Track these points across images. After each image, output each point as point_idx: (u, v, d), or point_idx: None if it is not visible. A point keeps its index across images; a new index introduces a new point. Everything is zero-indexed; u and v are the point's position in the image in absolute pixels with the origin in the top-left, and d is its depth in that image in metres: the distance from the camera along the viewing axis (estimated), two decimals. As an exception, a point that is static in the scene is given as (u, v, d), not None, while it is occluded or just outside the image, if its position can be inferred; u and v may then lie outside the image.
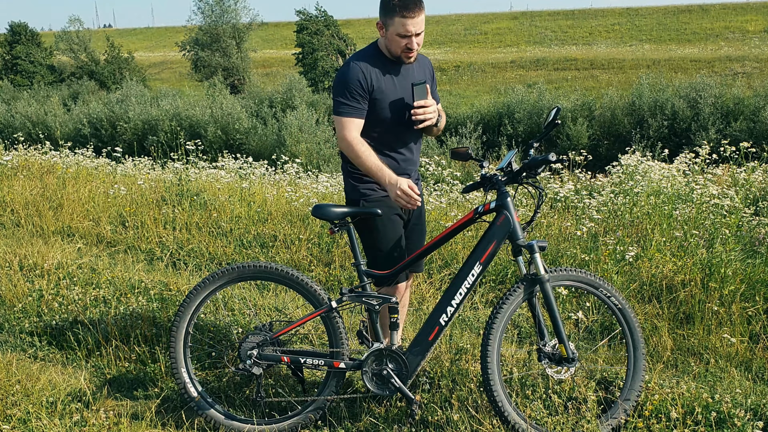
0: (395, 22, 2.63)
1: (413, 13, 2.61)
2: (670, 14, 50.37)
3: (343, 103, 2.71)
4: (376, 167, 2.70)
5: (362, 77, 2.69)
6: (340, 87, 2.72)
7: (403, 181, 2.66)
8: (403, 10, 2.60)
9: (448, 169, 7.54)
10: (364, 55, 2.77)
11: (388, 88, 2.75)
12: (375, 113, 2.76)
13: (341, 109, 2.72)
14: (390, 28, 2.66)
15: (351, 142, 2.71)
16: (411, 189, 2.65)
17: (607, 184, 5.65)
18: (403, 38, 2.66)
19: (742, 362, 3.25)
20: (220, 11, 38.99)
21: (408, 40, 2.67)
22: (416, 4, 2.62)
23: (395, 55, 2.74)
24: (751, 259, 3.98)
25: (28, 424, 2.75)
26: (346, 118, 2.72)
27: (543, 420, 2.61)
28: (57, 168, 7.21)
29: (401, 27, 2.63)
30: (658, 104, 18.86)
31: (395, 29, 2.64)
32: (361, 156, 2.70)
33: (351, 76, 2.70)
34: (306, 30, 36.25)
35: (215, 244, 5.07)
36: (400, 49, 2.70)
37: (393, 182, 2.67)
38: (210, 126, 21.44)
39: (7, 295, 4.01)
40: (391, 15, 2.63)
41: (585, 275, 2.70)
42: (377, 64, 2.75)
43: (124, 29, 78.44)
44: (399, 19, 2.62)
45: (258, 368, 2.74)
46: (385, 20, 2.68)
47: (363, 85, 2.69)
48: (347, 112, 2.71)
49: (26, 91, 33.98)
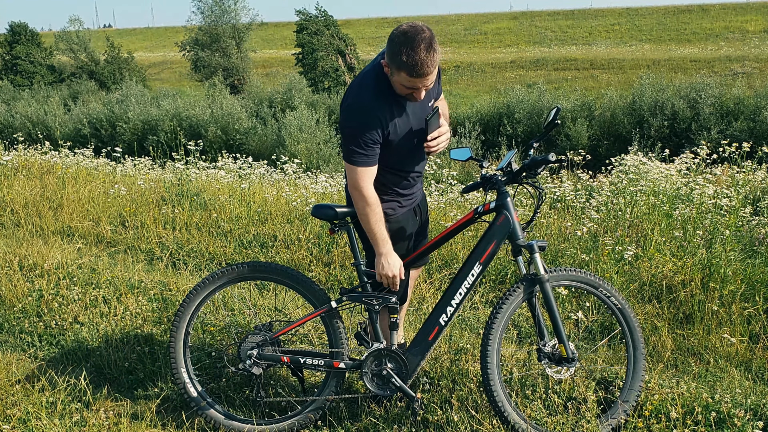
0: (401, 77, 2.36)
1: (421, 73, 2.33)
2: (670, 14, 50.37)
3: (358, 152, 2.46)
4: (382, 237, 2.57)
5: (379, 125, 2.46)
6: (354, 129, 2.46)
7: (396, 265, 2.60)
8: (410, 70, 2.31)
9: (447, 169, 7.53)
10: (372, 88, 2.47)
11: (401, 124, 2.54)
12: (389, 148, 2.57)
13: (357, 159, 2.47)
14: (395, 76, 2.39)
15: (368, 199, 2.52)
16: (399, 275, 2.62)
17: (606, 183, 5.65)
18: (406, 89, 2.41)
19: (742, 362, 3.25)
20: (219, 11, 38.98)
21: (416, 92, 2.42)
22: (430, 64, 2.31)
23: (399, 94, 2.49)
24: (751, 259, 3.98)
25: (28, 424, 2.75)
26: (363, 168, 2.49)
27: (543, 420, 2.61)
28: (57, 168, 7.21)
29: (407, 82, 2.37)
30: (658, 104, 18.84)
31: (401, 80, 2.38)
32: (372, 219, 2.54)
33: (368, 126, 2.44)
34: (306, 30, 36.23)
35: (215, 244, 5.07)
36: (403, 94, 2.46)
37: (389, 261, 2.59)
38: (210, 126, 21.44)
39: (7, 295, 4.01)
40: (398, 68, 2.34)
41: (585, 275, 2.70)
42: (389, 100, 2.47)
43: (124, 29, 78.47)
44: (406, 77, 2.35)
45: (258, 368, 2.74)
46: (391, 66, 2.38)
47: (379, 133, 2.47)
48: (363, 162, 2.48)
49: (26, 91, 33.97)
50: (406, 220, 2.80)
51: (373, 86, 2.48)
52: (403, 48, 2.29)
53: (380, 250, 2.60)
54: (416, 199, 2.85)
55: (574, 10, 55.71)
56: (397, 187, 2.73)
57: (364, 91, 2.49)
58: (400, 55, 2.30)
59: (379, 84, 2.48)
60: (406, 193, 2.78)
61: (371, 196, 2.53)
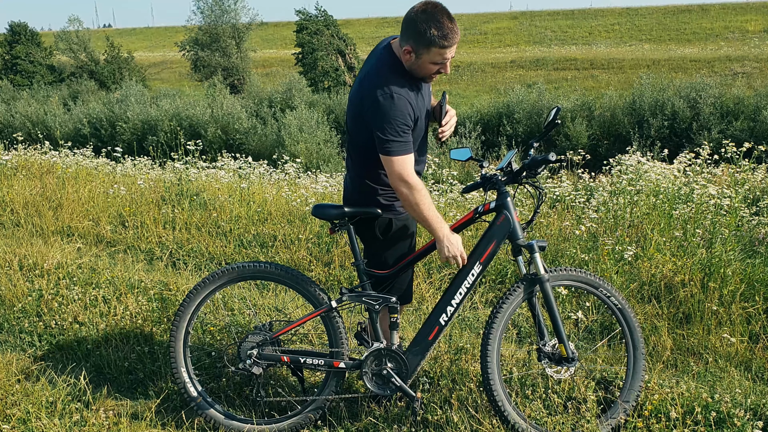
0: (432, 52, 2.44)
1: (452, 42, 2.45)
2: (670, 14, 50.35)
3: (397, 142, 2.48)
4: (437, 219, 2.56)
5: (410, 111, 2.50)
6: (392, 124, 2.46)
7: (459, 242, 2.59)
8: (443, 41, 2.42)
9: (447, 169, 7.53)
10: (401, 83, 2.51)
11: (422, 108, 2.62)
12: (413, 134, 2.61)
13: (396, 148, 2.48)
14: (423, 56, 2.46)
15: (415, 186, 2.50)
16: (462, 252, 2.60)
17: (606, 183, 5.65)
18: (435, 65, 2.50)
19: (741, 362, 3.25)
20: (219, 11, 38.96)
21: (441, 66, 2.52)
22: (456, 31, 2.45)
23: (419, 77, 2.58)
24: (751, 259, 3.98)
25: (28, 423, 2.75)
26: (404, 156, 2.49)
27: (543, 420, 2.61)
28: (57, 168, 7.21)
29: (438, 56, 2.46)
30: (658, 104, 18.84)
31: (430, 58, 2.47)
32: (423, 205, 2.52)
33: (402, 112, 2.47)
34: (306, 30, 36.22)
35: (215, 244, 5.07)
36: (429, 73, 2.54)
37: (451, 241, 2.57)
38: (210, 126, 21.43)
39: (6, 295, 4.01)
40: (427, 45, 2.43)
41: (585, 275, 2.70)
42: (413, 88, 2.55)
43: (124, 29, 78.43)
44: (437, 50, 2.44)
45: (258, 368, 2.74)
46: (417, 48, 2.45)
47: (411, 118, 2.51)
48: (403, 149, 2.50)
49: (26, 91, 33.96)
50: (410, 217, 2.79)
51: (394, 75, 2.52)
52: (429, 24, 2.40)
53: (440, 234, 2.57)
54: None
55: (574, 10, 55.69)
56: None
57: (389, 81, 2.49)
58: (428, 32, 2.39)
59: (396, 71, 2.53)
60: None
61: (417, 182, 2.52)
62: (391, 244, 2.82)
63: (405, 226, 2.80)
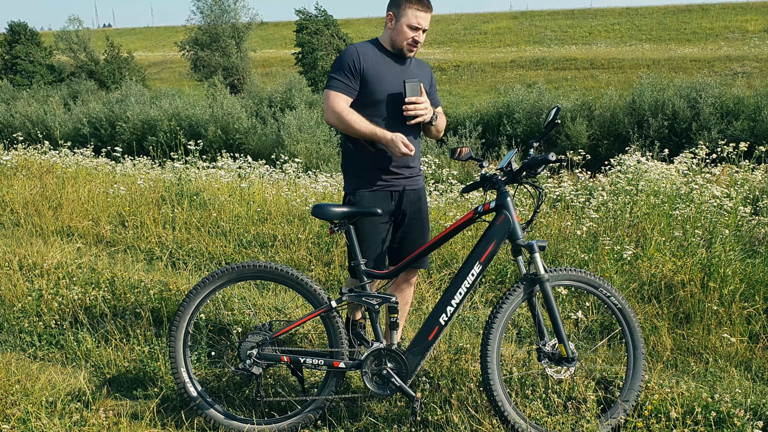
0: (407, 13, 2.79)
1: (426, 9, 2.81)
2: (670, 14, 50.36)
3: (334, 78, 2.83)
4: (370, 129, 2.79)
5: (355, 58, 2.82)
6: (334, 64, 2.86)
7: (399, 136, 2.75)
8: (418, 4, 2.78)
9: (447, 169, 7.53)
10: (363, 43, 2.93)
11: (383, 77, 2.84)
12: (367, 99, 2.84)
13: (331, 83, 2.83)
14: (402, 18, 2.81)
15: (340, 112, 2.80)
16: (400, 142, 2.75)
17: (606, 183, 5.65)
18: (411, 30, 2.81)
19: (741, 362, 3.25)
20: (219, 11, 38.97)
21: (416, 33, 2.82)
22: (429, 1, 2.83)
23: (398, 48, 2.86)
24: (751, 259, 3.98)
25: (28, 423, 2.74)
26: (335, 91, 2.82)
27: (543, 420, 2.61)
28: (56, 168, 7.21)
29: (413, 18, 2.79)
30: (658, 104, 18.84)
31: (407, 20, 2.80)
32: (352, 123, 2.79)
33: (345, 56, 2.84)
34: (306, 29, 36.23)
35: (215, 244, 5.06)
36: (406, 41, 2.84)
37: (389, 138, 2.75)
38: (210, 125, 21.44)
39: (6, 295, 4.01)
40: (404, 6, 2.79)
41: (585, 275, 2.70)
42: (375, 53, 2.88)
43: (124, 29, 78.42)
44: (412, 11, 2.78)
45: (258, 368, 2.74)
46: (397, 11, 2.82)
47: (355, 65, 2.81)
48: (335, 86, 2.82)
49: (26, 91, 33.97)
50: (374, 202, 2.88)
51: (365, 41, 2.96)
52: None
53: (384, 139, 2.77)
54: (396, 186, 2.93)
55: (574, 10, 55.70)
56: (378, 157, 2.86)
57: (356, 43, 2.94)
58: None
59: (369, 41, 2.94)
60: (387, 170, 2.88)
61: (345, 108, 2.80)
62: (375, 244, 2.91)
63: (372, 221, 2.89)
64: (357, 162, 2.92)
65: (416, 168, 3.01)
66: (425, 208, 3.06)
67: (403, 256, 2.96)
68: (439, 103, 3.09)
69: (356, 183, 2.92)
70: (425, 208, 3.06)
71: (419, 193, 3.02)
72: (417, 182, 3.01)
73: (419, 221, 3.02)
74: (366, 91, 2.84)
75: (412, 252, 2.85)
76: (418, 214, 3.01)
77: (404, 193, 2.95)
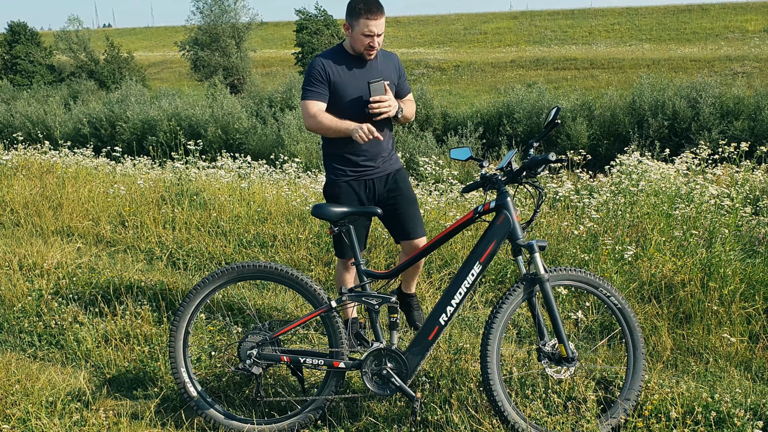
0: (360, 23, 2.99)
1: (375, 16, 2.99)
2: (670, 14, 50.35)
3: (306, 89, 3.10)
4: (338, 123, 3.04)
5: (321, 68, 3.07)
6: (305, 78, 3.13)
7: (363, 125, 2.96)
8: (367, 14, 2.98)
9: (447, 169, 7.53)
10: (327, 53, 3.17)
11: (348, 81, 3.09)
12: (337, 104, 3.09)
13: (305, 94, 3.11)
14: (356, 28, 3.02)
15: (314, 115, 3.05)
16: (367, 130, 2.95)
17: (606, 183, 5.64)
18: (366, 37, 3.02)
19: (741, 362, 3.25)
20: (219, 11, 38.95)
21: (370, 39, 3.02)
22: (378, 8, 3.00)
23: (358, 52, 3.08)
24: (751, 259, 3.98)
25: (28, 423, 2.74)
26: (308, 101, 3.09)
27: (543, 420, 2.61)
28: (56, 168, 7.21)
29: (365, 28, 2.99)
30: (658, 104, 18.83)
31: (360, 29, 3.01)
32: (324, 122, 3.05)
33: (312, 68, 3.10)
34: (305, 29, 36.25)
35: (215, 244, 5.06)
36: (363, 47, 3.05)
37: (353, 127, 2.99)
38: (210, 126, 21.42)
39: (6, 295, 4.01)
40: (357, 17, 2.99)
41: (585, 275, 2.70)
42: (339, 59, 3.12)
43: (124, 29, 78.41)
44: (363, 21, 2.98)
45: (257, 368, 2.74)
46: (351, 21, 3.04)
47: (322, 74, 3.07)
48: (309, 96, 3.09)
49: (26, 91, 33.95)
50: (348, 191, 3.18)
51: (328, 49, 3.22)
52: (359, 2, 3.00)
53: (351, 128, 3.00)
54: (370, 174, 3.20)
55: (574, 10, 55.68)
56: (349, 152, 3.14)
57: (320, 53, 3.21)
58: (356, 6, 2.99)
59: (333, 48, 3.19)
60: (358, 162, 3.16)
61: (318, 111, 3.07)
62: None
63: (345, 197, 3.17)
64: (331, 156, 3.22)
65: (388, 156, 3.27)
66: (404, 186, 3.30)
67: (404, 228, 3.26)
68: (408, 91, 3.35)
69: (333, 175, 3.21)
70: (403, 184, 3.30)
71: (394, 176, 3.28)
72: (389, 167, 3.27)
73: (401, 196, 3.26)
74: (335, 96, 3.10)
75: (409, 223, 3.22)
76: (397, 190, 3.26)
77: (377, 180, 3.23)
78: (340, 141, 3.12)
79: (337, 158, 3.19)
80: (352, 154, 3.15)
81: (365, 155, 3.16)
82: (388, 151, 3.27)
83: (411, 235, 3.27)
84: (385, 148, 3.22)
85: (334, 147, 3.18)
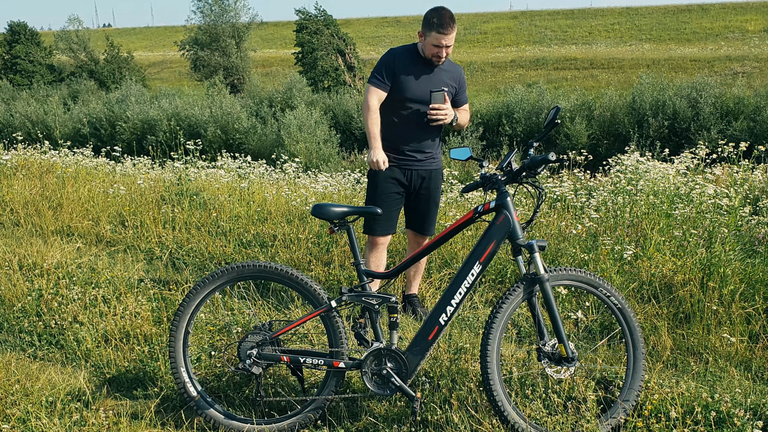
0: (432, 35, 3.34)
1: (447, 31, 3.33)
2: (670, 14, 50.37)
3: (373, 75, 3.47)
4: (374, 136, 3.42)
5: (391, 61, 3.45)
6: (377, 64, 3.50)
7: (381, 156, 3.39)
8: (439, 28, 3.32)
9: (447, 169, 7.53)
10: (402, 48, 3.53)
11: (412, 80, 3.44)
12: (397, 96, 3.45)
13: (370, 79, 3.47)
14: (428, 38, 3.37)
15: (369, 106, 3.44)
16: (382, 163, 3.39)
17: (606, 183, 5.64)
18: (435, 47, 3.37)
19: (741, 362, 3.25)
20: (219, 11, 38.97)
21: (439, 50, 3.39)
22: (450, 25, 3.33)
23: (428, 57, 3.42)
24: (751, 259, 3.98)
25: (28, 423, 2.74)
26: (371, 87, 3.47)
27: (542, 419, 2.61)
28: (56, 167, 7.21)
29: (435, 40, 3.35)
30: (658, 104, 18.84)
31: (431, 40, 3.36)
32: (369, 119, 3.43)
33: (384, 58, 3.48)
34: (305, 29, 36.21)
35: (215, 244, 5.06)
36: (431, 54, 3.41)
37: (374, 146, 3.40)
38: (209, 125, 21.43)
39: (6, 295, 4.01)
40: (429, 29, 3.34)
41: (584, 275, 2.70)
42: (410, 58, 3.48)
43: (124, 29, 78.44)
44: (435, 34, 3.33)
45: (257, 368, 2.74)
46: (424, 31, 3.39)
47: (390, 67, 3.44)
48: (372, 82, 3.47)
49: (26, 91, 33.95)
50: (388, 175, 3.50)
51: (405, 45, 3.57)
52: (433, 15, 3.35)
53: (371, 146, 3.41)
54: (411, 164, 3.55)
55: (574, 10, 55.69)
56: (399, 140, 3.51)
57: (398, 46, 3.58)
58: (431, 20, 3.34)
59: (409, 46, 3.54)
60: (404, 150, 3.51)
61: (374, 105, 3.45)
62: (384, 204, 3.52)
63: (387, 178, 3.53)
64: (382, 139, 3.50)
65: (431, 154, 3.60)
66: (434, 186, 3.63)
67: (420, 222, 3.65)
68: (466, 101, 3.67)
69: None
70: (434, 186, 3.63)
71: (431, 174, 3.60)
72: (430, 165, 3.60)
73: (429, 196, 3.61)
74: (396, 88, 3.45)
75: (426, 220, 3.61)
76: (429, 190, 3.61)
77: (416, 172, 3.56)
78: (391, 126, 3.48)
79: (386, 142, 3.49)
80: (399, 141, 3.51)
81: (410, 146, 3.52)
82: (433, 150, 3.61)
83: (423, 231, 3.69)
84: (429, 145, 3.57)
85: (386, 130, 3.49)
